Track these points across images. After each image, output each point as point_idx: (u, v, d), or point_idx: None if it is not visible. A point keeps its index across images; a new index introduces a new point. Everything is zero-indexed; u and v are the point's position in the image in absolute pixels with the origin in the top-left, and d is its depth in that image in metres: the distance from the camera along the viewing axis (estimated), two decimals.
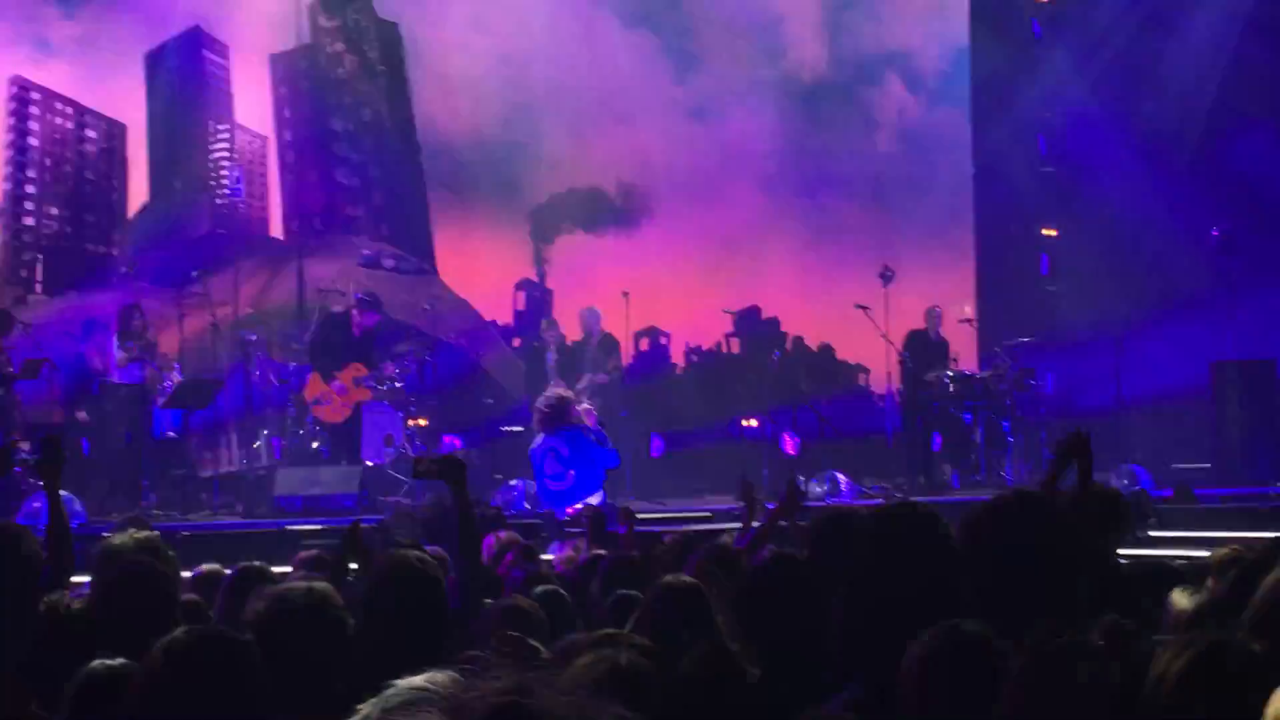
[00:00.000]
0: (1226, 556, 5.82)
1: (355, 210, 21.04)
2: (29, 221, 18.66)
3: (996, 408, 18.11)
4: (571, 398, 14.96)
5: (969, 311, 21.66)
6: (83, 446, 15.70)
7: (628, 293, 19.02)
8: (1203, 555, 6.77)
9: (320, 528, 13.58)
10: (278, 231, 20.31)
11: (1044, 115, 23.06)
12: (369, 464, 16.65)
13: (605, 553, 7.52)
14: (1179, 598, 4.87)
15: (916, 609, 3.49)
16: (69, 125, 19.02)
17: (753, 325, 22.32)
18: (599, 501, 13.98)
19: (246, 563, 6.56)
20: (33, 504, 13.55)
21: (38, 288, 18.55)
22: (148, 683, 3.75)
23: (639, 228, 22.36)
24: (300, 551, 8.73)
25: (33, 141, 18.72)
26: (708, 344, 22.63)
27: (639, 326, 20.86)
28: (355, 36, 20.99)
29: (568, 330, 18.78)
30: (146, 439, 15.99)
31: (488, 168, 21.31)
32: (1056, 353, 20.04)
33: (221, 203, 19.77)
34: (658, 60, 22.52)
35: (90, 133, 19.14)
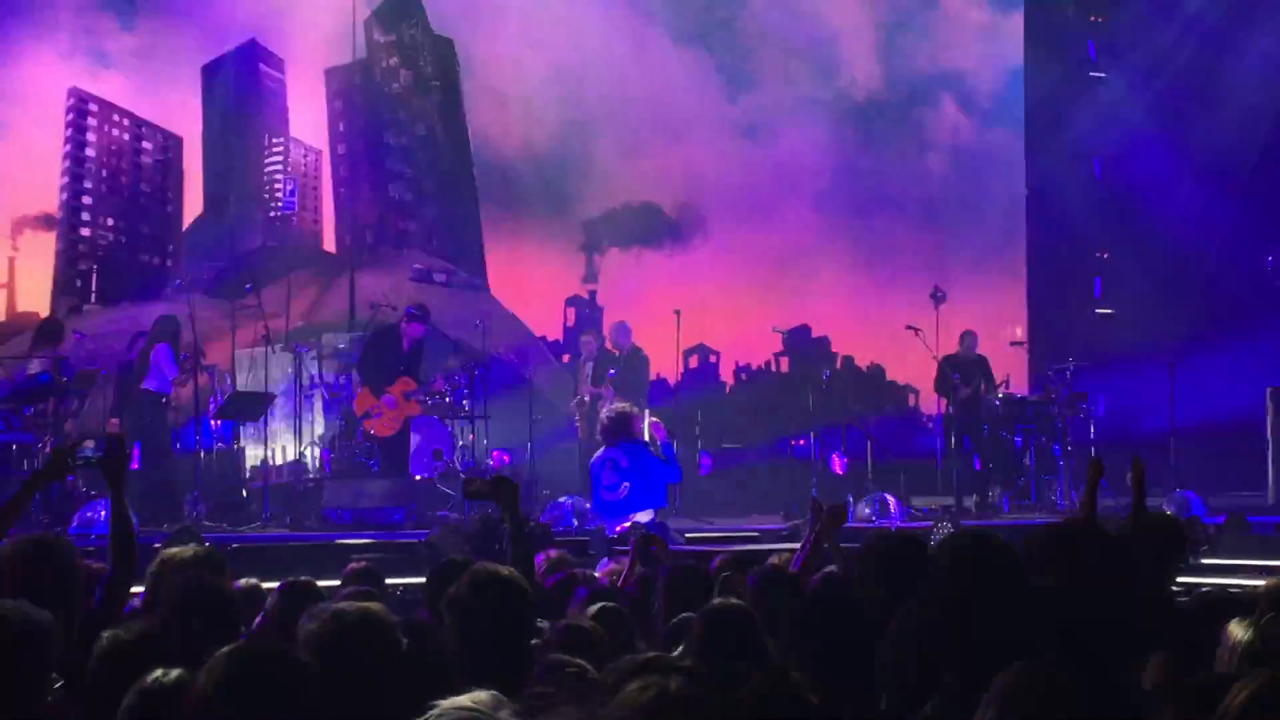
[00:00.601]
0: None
1: (407, 224, 21.11)
2: (85, 232, 18.80)
3: (1047, 431, 18.01)
4: (634, 411, 14.92)
5: (1020, 334, 21.61)
6: (135, 461, 15.79)
7: (679, 311, 19.03)
8: (1256, 584, 6.70)
9: (368, 541, 13.61)
10: (330, 245, 20.41)
11: (1098, 138, 22.95)
12: (417, 478, 16.69)
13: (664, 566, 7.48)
14: (1235, 629, 4.81)
15: (993, 643, 3.43)
16: (126, 137, 19.16)
17: (802, 344, 22.26)
18: (649, 520, 13.95)
19: (294, 578, 6.56)
20: (86, 513, 13.63)
21: (93, 298, 18.68)
22: (203, 696, 3.76)
23: (690, 245, 22.35)
24: (349, 564, 8.72)
25: (90, 153, 18.87)
26: (757, 362, 22.60)
27: (688, 344, 20.84)
28: (410, 52, 21.08)
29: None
30: (195, 449, 16.08)
31: (539, 183, 21.35)
32: (1108, 376, 19.92)
33: (275, 216, 19.89)
34: (711, 78, 22.53)
35: (146, 144, 19.28)
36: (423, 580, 9.18)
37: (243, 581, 7.03)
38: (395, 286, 19.90)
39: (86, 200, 18.83)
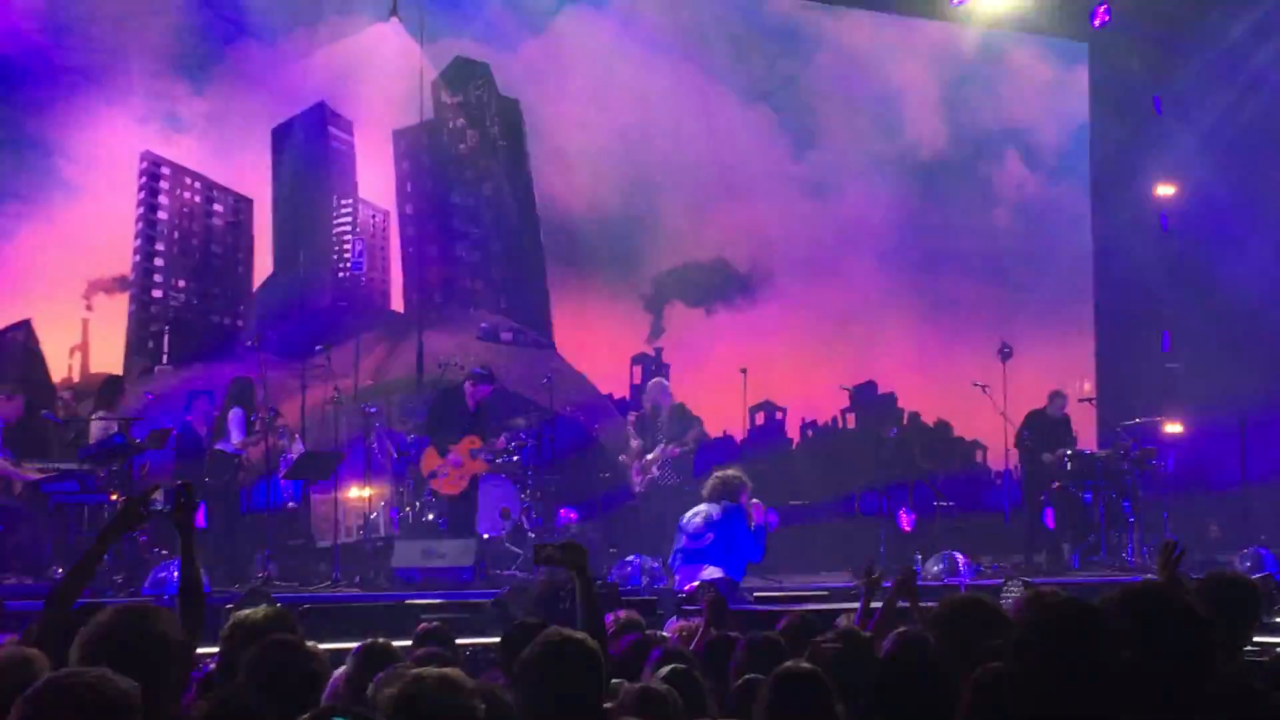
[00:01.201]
0: None
1: (474, 284, 21.22)
2: (157, 294, 19.01)
3: (1117, 487, 17.92)
4: (744, 480, 15.08)
5: (1088, 389, 21.51)
6: (202, 519, 15.94)
7: (745, 369, 19.07)
8: None
9: (439, 601, 13.68)
10: (398, 304, 20.52)
11: (1166, 193, 22.88)
12: (485, 536, 16.77)
13: (736, 634, 7.48)
14: None
15: (1075, 713, 3.42)
16: (197, 199, 19.39)
17: (869, 400, 22.22)
18: (717, 578, 13.97)
19: (373, 639, 6.61)
20: (159, 574, 13.76)
21: (164, 358, 18.87)
22: None
23: (756, 302, 22.37)
24: (419, 624, 8.78)
25: (162, 215, 19.10)
26: (823, 419, 22.55)
27: (754, 400, 20.85)
28: (477, 113, 21.24)
29: (685, 403, 18.89)
30: (265, 509, 16.22)
31: (605, 242, 21.44)
32: (1179, 431, 19.80)
33: (344, 276, 20.04)
34: (776, 136, 22.60)
35: (218, 206, 19.50)
36: (491, 640, 9.22)
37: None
38: (462, 345, 20.02)
39: (159, 262, 19.04)
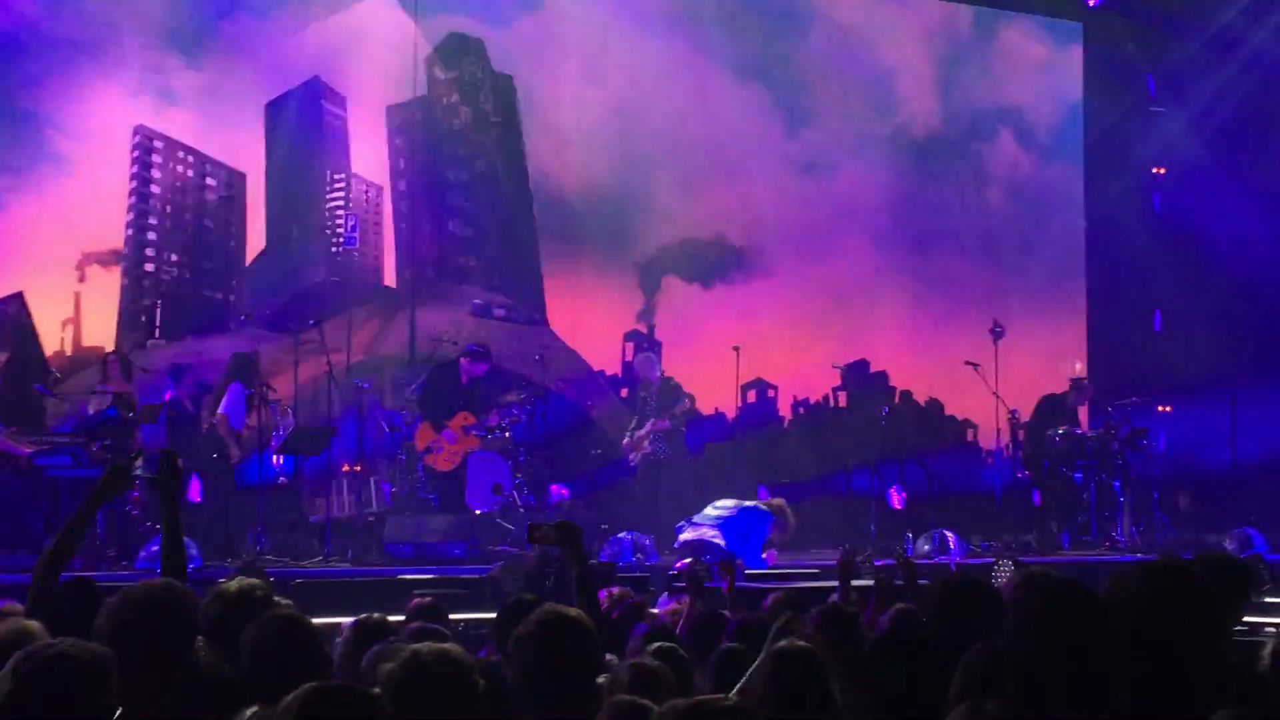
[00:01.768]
0: None
1: (468, 260, 21.21)
2: (149, 268, 18.98)
3: (1108, 467, 17.96)
4: (787, 517, 15.57)
5: (1080, 369, 21.54)
6: (195, 492, 15.96)
7: (738, 347, 19.09)
8: None
9: (430, 576, 13.72)
10: (391, 280, 20.51)
11: (1158, 172, 22.90)
12: (477, 512, 16.80)
13: (728, 613, 7.51)
14: None
15: (1073, 690, 3.43)
16: (190, 173, 19.36)
17: (861, 379, 22.25)
18: (718, 546, 14.15)
19: (368, 614, 6.63)
20: (152, 548, 13.77)
21: (156, 333, 18.86)
22: None
23: (748, 280, 22.37)
24: (413, 599, 8.81)
25: (155, 189, 19.07)
26: (815, 397, 22.57)
27: (746, 379, 20.87)
28: (471, 89, 21.20)
29: (678, 380, 18.94)
30: (257, 485, 16.22)
31: (599, 219, 21.43)
32: (1170, 412, 19.85)
33: (337, 251, 20.03)
34: (769, 114, 22.58)
35: (211, 181, 19.47)
36: (485, 615, 9.26)
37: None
38: (455, 321, 20.03)
39: (151, 236, 19.01)
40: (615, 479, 18.62)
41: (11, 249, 18.12)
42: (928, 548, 16.76)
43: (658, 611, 9.41)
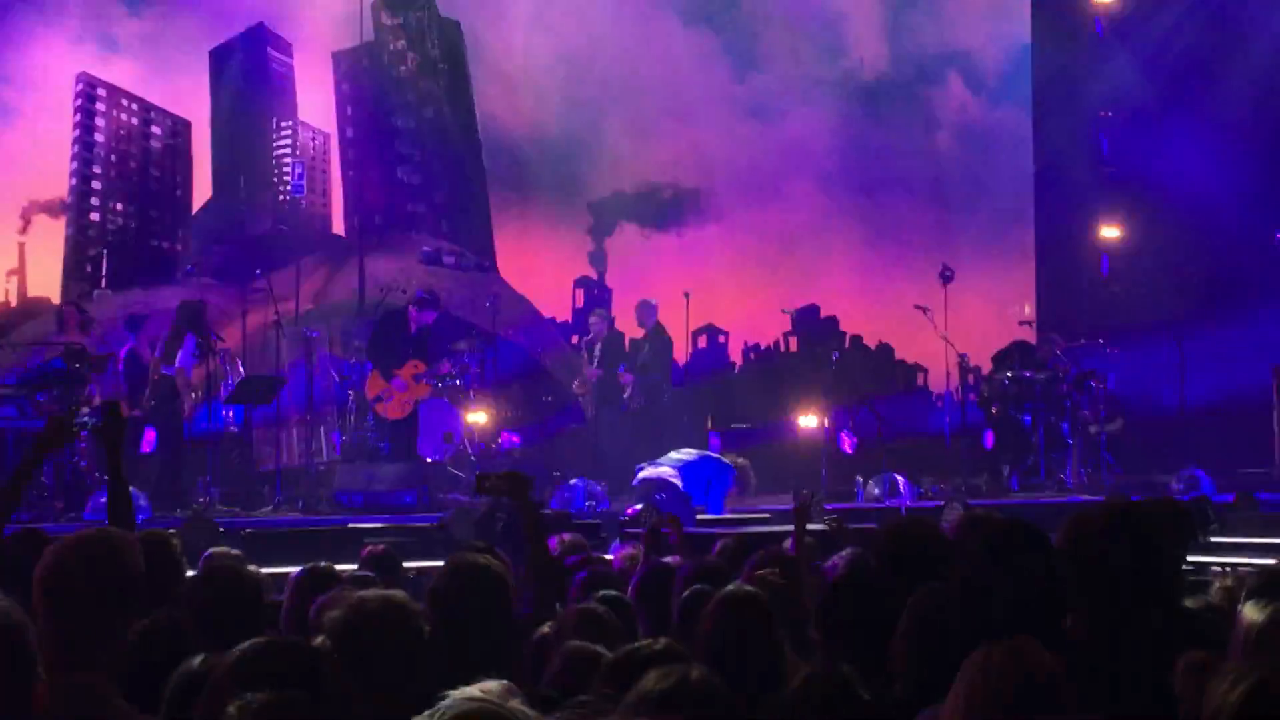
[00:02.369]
0: None
1: (416, 207, 21.12)
2: (94, 217, 18.84)
3: (1056, 410, 18.04)
4: (747, 475, 15.59)
5: (1029, 312, 21.61)
6: (148, 444, 15.85)
7: (688, 293, 19.06)
8: (1266, 562, 6.72)
9: (381, 525, 13.68)
10: (339, 228, 20.44)
11: (1106, 115, 22.92)
12: (428, 460, 16.75)
13: (680, 560, 7.51)
14: (1251, 611, 4.79)
15: (1021, 628, 3.45)
16: (134, 122, 19.19)
17: (811, 324, 22.28)
18: (668, 491, 14.17)
19: (314, 564, 6.61)
20: (100, 499, 13.67)
21: (103, 283, 18.71)
22: (226, 686, 3.80)
23: (698, 225, 22.36)
24: (365, 548, 8.78)
25: (99, 138, 18.89)
26: (766, 342, 22.61)
27: (697, 324, 20.86)
28: (417, 35, 21.08)
29: (625, 325, 18.89)
30: (207, 435, 16.12)
31: (547, 165, 21.36)
32: (1117, 354, 19.94)
33: (284, 199, 19.91)
34: (718, 59, 22.51)
35: (155, 129, 19.31)
36: (436, 564, 9.24)
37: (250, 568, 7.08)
38: (404, 269, 19.96)
39: (96, 185, 18.85)
40: (566, 426, 18.60)
41: None
42: (878, 491, 16.80)
43: (611, 558, 9.41)
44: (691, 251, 21.85)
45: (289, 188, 19.83)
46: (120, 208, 19.01)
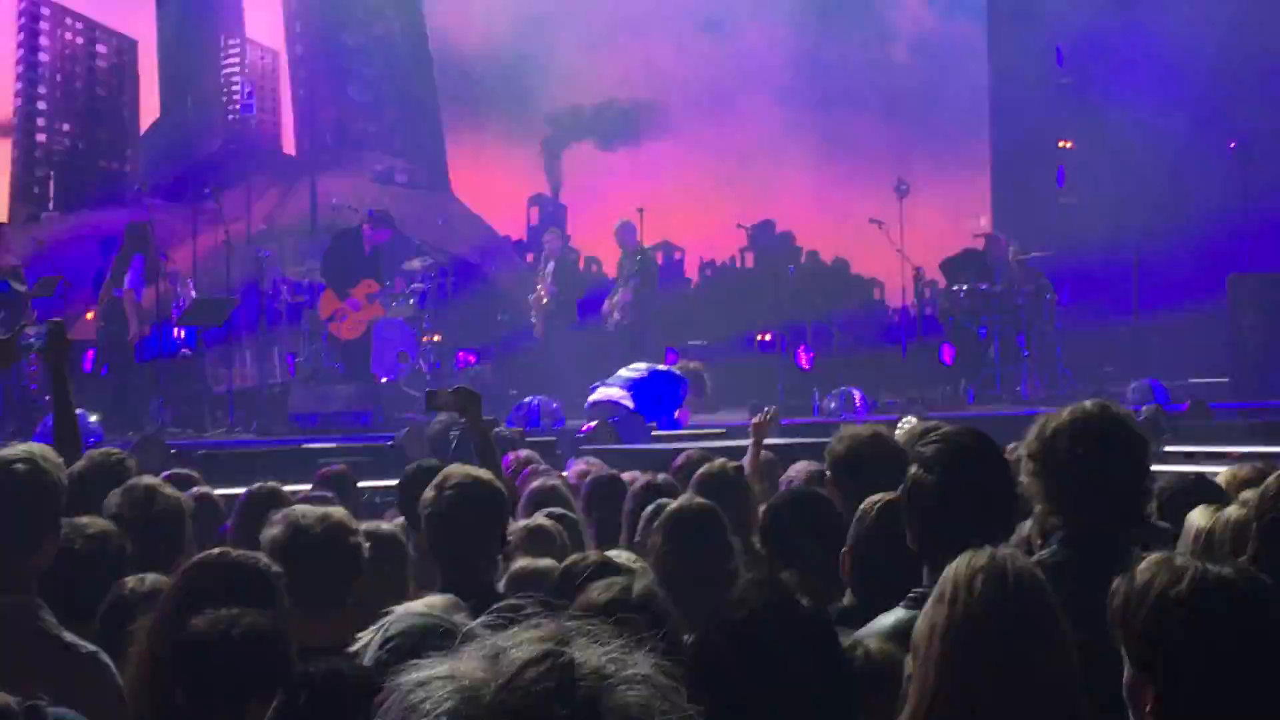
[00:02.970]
0: (1248, 476, 5.77)
1: (367, 125, 20.94)
2: (41, 139, 18.59)
3: (1011, 322, 18.06)
4: (703, 379, 15.53)
5: (985, 225, 21.62)
6: (87, 363, 15.72)
7: (643, 209, 18.97)
8: (1217, 470, 6.72)
9: (336, 445, 13.61)
10: (290, 147, 20.23)
11: (1061, 26, 22.83)
12: (383, 380, 16.69)
13: (626, 474, 7.48)
14: (1197, 516, 4.82)
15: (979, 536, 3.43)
16: (79, 41, 18.90)
17: (767, 239, 22.25)
18: (619, 411, 14.19)
19: (260, 484, 6.56)
20: (49, 421, 13.56)
21: (50, 205, 18.49)
22: (170, 604, 3.77)
23: (653, 141, 22.24)
24: (320, 468, 8.75)
25: (43, 58, 18.61)
26: (722, 258, 22.57)
27: (652, 241, 20.78)
28: None
29: (580, 243, 18.82)
30: (159, 357, 16.00)
31: (500, 82, 21.17)
32: (1072, 266, 19.96)
33: (233, 118, 19.69)
34: None
35: (101, 48, 19.03)
36: (391, 483, 9.21)
37: (196, 490, 7.03)
38: (357, 188, 19.78)
39: (41, 106, 18.59)
40: (521, 344, 18.55)
41: None
42: (834, 405, 16.84)
43: (567, 474, 9.38)
44: (646, 168, 21.75)
45: (238, 107, 19.60)
46: (67, 128, 18.77)
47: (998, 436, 4.59)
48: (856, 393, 16.94)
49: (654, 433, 14.38)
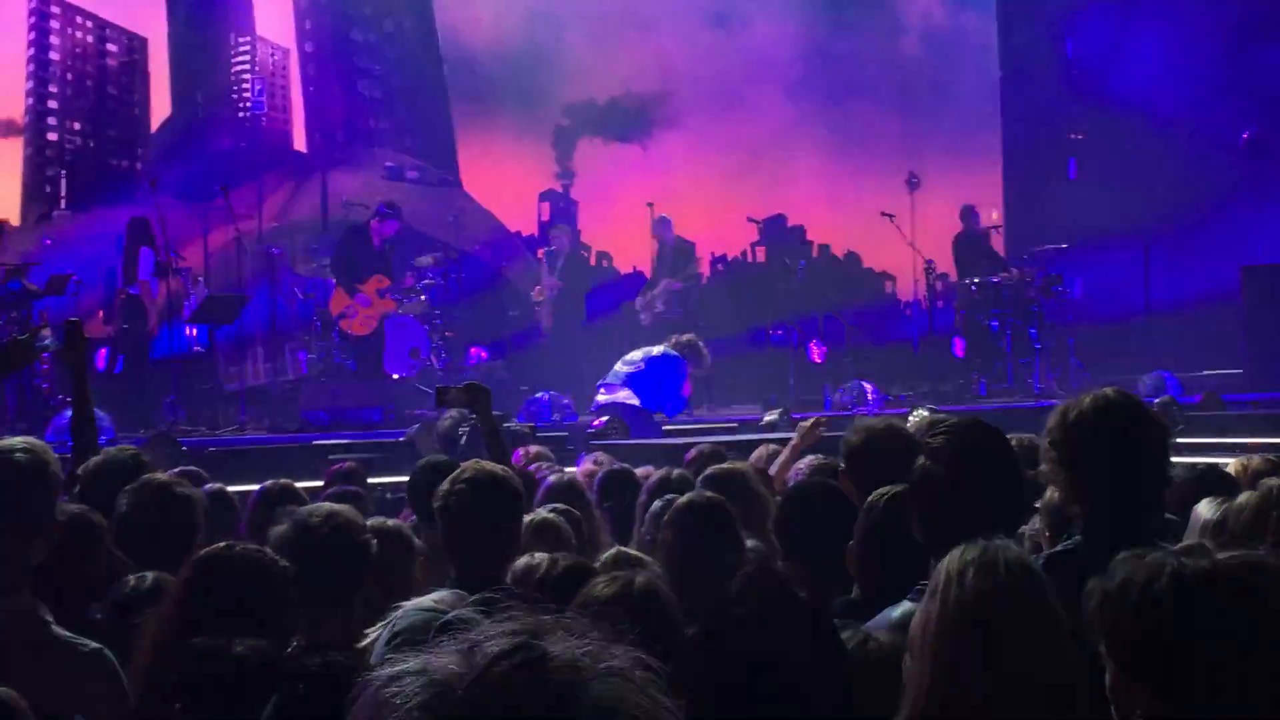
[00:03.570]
0: (1260, 467, 5.75)
1: (378, 122, 20.95)
2: (52, 137, 18.62)
3: (1024, 315, 18.02)
4: (701, 353, 15.29)
5: (996, 217, 21.57)
6: (100, 360, 15.74)
7: (652, 203, 18.97)
8: (1229, 461, 6.69)
9: (348, 441, 13.61)
10: (300, 145, 20.24)
11: (1072, 18, 22.78)
12: (395, 377, 16.69)
13: (636, 469, 7.47)
14: (1204, 507, 4.80)
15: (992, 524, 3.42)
16: (90, 39, 18.93)
17: (778, 233, 22.20)
18: (626, 406, 14.13)
19: (273, 481, 6.56)
20: (61, 420, 13.59)
21: (62, 203, 18.52)
22: (178, 599, 3.78)
23: (663, 136, 22.22)
24: (332, 465, 8.74)
25: (54, 56, 18.64)
26: (733, 253, 22.53)
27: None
28: None
29: (591, 237, 18.81)
30: (170, 355, 16.02)
31: (510, 78, 21.16)
32: (1085, 258, 19.92)
33: (244, 116, 19.71)
34: None
35: (111, 46, 19.05)
36: (403, 479, 9.21)
37: (211, 486, 7.03)
38: (367, 185, 19.80)
39: (52, 104, 18.62)
40: (533, 340, 18.55)
41: None
42: (846, 399, 16.81)
43: (577, 470, 9.37)
44: (657, 162, 21.74)
45: (249, 104, 19.62)
46: (78, 127, 18.80)
47: (1010, 429, 4.58)
48: (868, 386, 16.92)
49: (665, 426, 14.36)
